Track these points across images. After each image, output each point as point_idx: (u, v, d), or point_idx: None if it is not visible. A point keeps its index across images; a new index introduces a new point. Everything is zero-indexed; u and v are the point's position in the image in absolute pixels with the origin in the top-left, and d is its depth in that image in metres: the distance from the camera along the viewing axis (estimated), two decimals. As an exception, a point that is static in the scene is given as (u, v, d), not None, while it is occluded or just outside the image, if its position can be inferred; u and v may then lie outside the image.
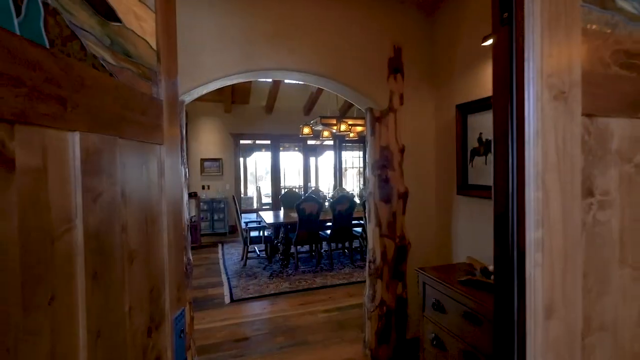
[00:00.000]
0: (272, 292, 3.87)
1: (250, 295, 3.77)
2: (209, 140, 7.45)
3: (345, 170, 9.31)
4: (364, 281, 4.36)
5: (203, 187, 7.39)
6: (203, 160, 7.40)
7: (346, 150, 9.20)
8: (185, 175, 2.12)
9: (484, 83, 2.00)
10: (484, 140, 2.01)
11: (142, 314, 0.92)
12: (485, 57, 1.98)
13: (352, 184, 10.14)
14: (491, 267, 1.78)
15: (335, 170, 8.80)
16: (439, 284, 1.87)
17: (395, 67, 2.41)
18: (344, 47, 2.29)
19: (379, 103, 2.39)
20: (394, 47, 2.40)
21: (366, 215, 2.60)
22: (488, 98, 1.93)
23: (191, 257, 2.10)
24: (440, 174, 2.49)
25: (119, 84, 0.84)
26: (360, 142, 8.88)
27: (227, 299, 3.69)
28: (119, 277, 0.80)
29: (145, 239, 0.95)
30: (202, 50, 2.01)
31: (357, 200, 5.80)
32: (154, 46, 1.04)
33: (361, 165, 9.27)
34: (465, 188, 2.17)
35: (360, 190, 6.69)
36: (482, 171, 2.03)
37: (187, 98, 2.14)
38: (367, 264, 2.54)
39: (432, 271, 2.01)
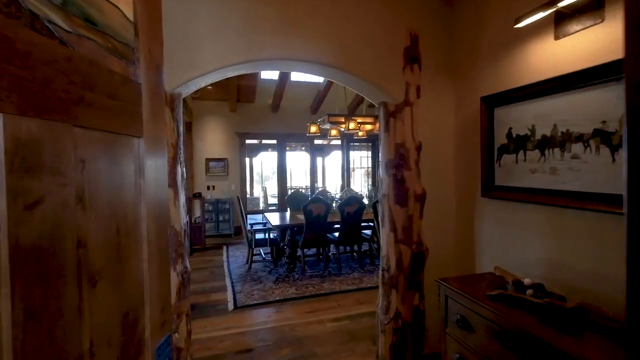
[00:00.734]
0: (278, 298, 3.68)
1: (255, 302, 3.59)
2: (214, 140, 7.31)
3: (353, 170, 9.10)
4: (375, 287, 4.16)
5: (208, 188, 7.26)
6: (208, 160, 7.26)
7: (354, 149, 8.99)
8: (183, 175, 1.94)
9: (515, 72, 1.78)
10: (514, 135, 1.79)
11: (111, 349, 0.73)
12: (517, 41, 1.76)
13: (360, 185, 9.92)
14: (526, 280, 1.56)
15: (342, 171, 8.60)
16: (464, 298, 1.66)
17: (411, 57, 2.20)
18: (355, 35, 2.09)
19: (393, 96, 2.18)
20: (410, 35, 2.19)
21: (379, 218, 2.39)
22: (521, 88, 1.71)
23: (189, 265, 1.92)
24: (460, 174, 2.27)
25: (75, 55, 0.65)
26: (368, 141, 8.66)
27: (230, 306, 3.51)
28: (72, 306, 0.61)
29: (116, 253, 0.76)
30: (200, 38, 1.83)
31: (365, 201, 5.59)
32: (131, 17, 0.85)
33: (369, 165, 9.05)
34: (491, 190, 1.95)
35: (370, 191, 6.48)
36: (512, 171, 1.81)
37: (185, 90, 1.96)
38: (380, 272, 2.33)
39: (455, 283, 1.80)
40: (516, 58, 1.78)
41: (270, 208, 9.98)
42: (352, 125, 4.77)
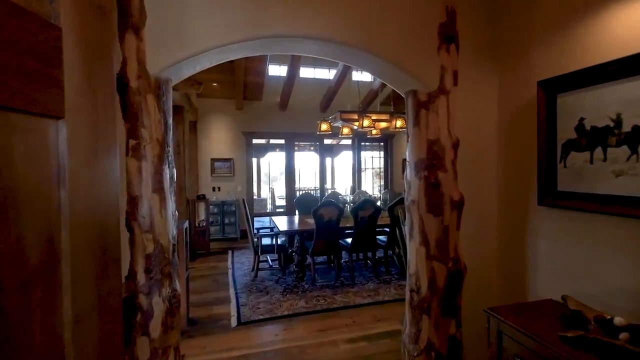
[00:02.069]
0: (286, 313, 3.33)
1: (261, 317, 3.25)
2: (219, 139, 7.02)
3: (364, 170, 8.72)
4: (393, 301, 3.77)
5: (213, 189, 6.97)
6: (213, 160, 6.97)
7: (365, 150, 8.60)
8: (173, 177, 1.61)
9: (589, 46, 1.40)
10: (587, 128, 1.40)
11: None
12: (594, 6, 1.37)
13: (372, 186, 9.52)
14: (617, 320, 1.18)
15: (353, 171, 8.22)
16: (527, 338, 1.28)
17: (447, 35, 1.82)
18: (380, 8, 1.73)
19: (426, 83, 1.82)
20: (446, 9, 1.82)
21: (406, 229, 2.02)
22: (600, 66, 1.33)
23: (178, 288, 1.58)
24: (507, 177, 1.89)
25: None
26: (380, 140, 8.28)
27: (233, 321, 3.18)
28: None
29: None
30: (193, 10, 1.49)
31: (378, 204, 5.20)
32: None
33: (380, 165, 8.65)
34: (553, 197, 1.56)
35: (384, 194, 6.09)
36: (584, 173, 1.42)
37: (176, 75, 1.63)
38: (407, 293, 1.95)
39: (510, 315, 1.42)
40: (591, 28, 1.39)
41: (277, 210, 9.68)
42: (366, 122, 4.41)
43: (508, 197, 1.87)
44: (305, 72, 7.45)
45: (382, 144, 8.47)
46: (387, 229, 4.69)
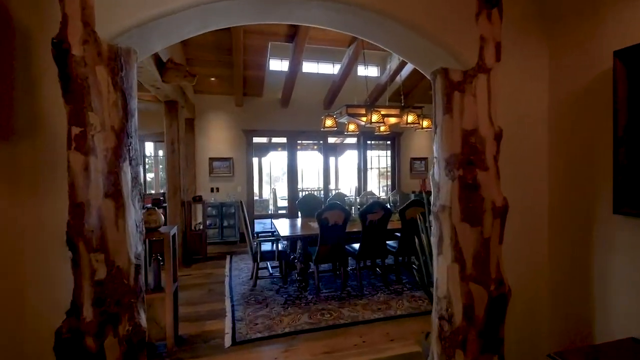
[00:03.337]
0: (287, 330, 2.96)
1: (259, 335, 2.88)
2: (218, 138, 6.67)
3: (371, 170, 8.33)
4: (406, 315, 3.37)
5: (212, 190, 6.62)
6: (212, 159, 6.62)
7: (371, 149, 8.20)
8: (137, 177, 1.25)
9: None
10: (698, 109, 1.02)
11: None
12: None
13: (378, 187, 9.13)
14: None
15: (359, 171, 7.84)
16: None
17: (489, -2, 1.45)
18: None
19: (461, 58, 1.44)
20: (486, -35, 1.44)
21: (432, 241, 1.65)
22: None
23: (143, 321, 1.21)
24: (562, 177, 1.51)
25: None
26: (387, 139, 7.89)
27: (227, 340, 2.81)
28: None
29: None
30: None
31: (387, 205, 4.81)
32: None
33: (387, 164, 8.25)
34: (636, 203, 1.18)
35: (393, 194, 5.71)
36: (692, 171, 1.04)
37: (141, 46, 1.26)
38: (435, 321, 1.58)
39: (589, 365, 1.04)
40: None
41: (280, 212, 9.32)
42: (375, 117, 4.03)
43: (565, 203, 1.49)
44: (308, 67, 7.08)
45: (388, 142, 8.08)
46: (397, 234, 4.30)
